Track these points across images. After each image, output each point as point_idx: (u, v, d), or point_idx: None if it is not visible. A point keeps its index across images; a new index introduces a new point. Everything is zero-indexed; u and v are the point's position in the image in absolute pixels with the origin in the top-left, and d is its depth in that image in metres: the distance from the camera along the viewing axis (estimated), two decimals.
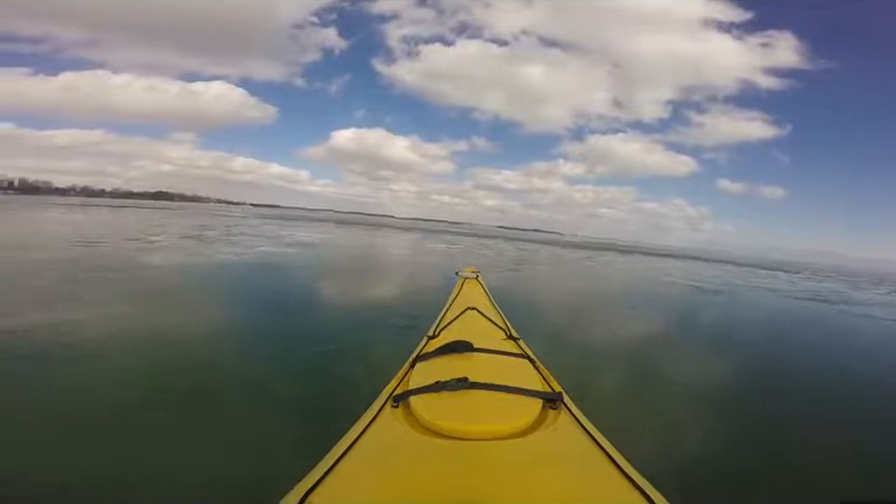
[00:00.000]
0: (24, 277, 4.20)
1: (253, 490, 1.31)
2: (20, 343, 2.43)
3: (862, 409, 2.72)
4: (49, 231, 10.43)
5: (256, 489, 1.29)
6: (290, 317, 3.64)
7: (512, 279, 7.81)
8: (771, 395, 2.79)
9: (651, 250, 31.23)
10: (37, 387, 1.97)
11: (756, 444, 2.04)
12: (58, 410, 1.79)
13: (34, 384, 2.00)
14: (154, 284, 4.46)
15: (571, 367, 2.64)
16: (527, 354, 1.22)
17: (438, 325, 1.58)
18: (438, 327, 1.54)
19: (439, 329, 1.49)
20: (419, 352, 1.24)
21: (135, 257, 6.35)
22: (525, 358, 1.17)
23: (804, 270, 26.12)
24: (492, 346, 1.20)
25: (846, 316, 7.20)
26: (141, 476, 1.43)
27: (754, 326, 5.77)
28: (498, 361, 1.13)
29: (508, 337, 1.40)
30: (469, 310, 1.69)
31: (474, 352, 1.15)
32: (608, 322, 4.89)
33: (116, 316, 3.10)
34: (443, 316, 1.71)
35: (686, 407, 2.46)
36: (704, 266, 19.51)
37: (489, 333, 1.42)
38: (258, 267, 6.66)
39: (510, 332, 1.45)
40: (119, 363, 2.31)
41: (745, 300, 8.56)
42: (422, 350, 1.26)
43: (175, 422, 1.79)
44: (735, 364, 3.50)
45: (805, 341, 5.11)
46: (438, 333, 1.44)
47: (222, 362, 2.44)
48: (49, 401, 1.86)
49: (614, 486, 0.64)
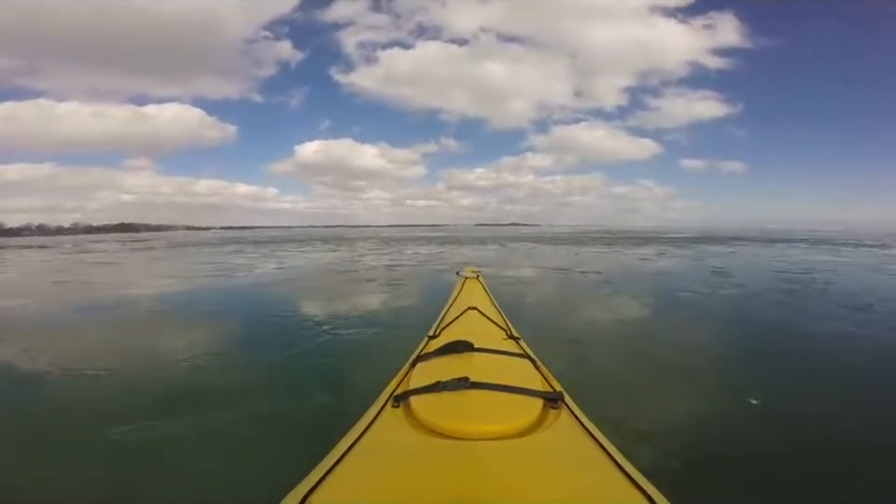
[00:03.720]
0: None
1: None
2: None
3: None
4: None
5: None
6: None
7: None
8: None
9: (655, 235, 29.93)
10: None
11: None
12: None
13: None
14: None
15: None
16: (528, 354, 1.22)
17: (438, 325, 1.58)
18: (438, 327, 1.55)
19: (439, 329, 1.49)
20: (420, 352, 1.24)
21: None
22: (526, 358, 1.17)
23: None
24: (492, 346, 1.20)
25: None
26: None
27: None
28: (499, 361, 1.13)
29: (508, 337, 1.40)
30: (469, 310, 1.69)
31: (475, 352, 1.14)
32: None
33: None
34: (444, 316, 1.71)
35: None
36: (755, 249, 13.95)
37: (490, 333, 1.42)
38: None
39: (510, 332, 1.45)
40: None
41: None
42: (422, 350, 1.26)
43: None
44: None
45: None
46: (438, 333, 1.45)
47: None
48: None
49: (615, 486, 0.64)
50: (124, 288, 6.50)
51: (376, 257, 11.72)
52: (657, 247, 14.45)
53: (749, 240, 19.70)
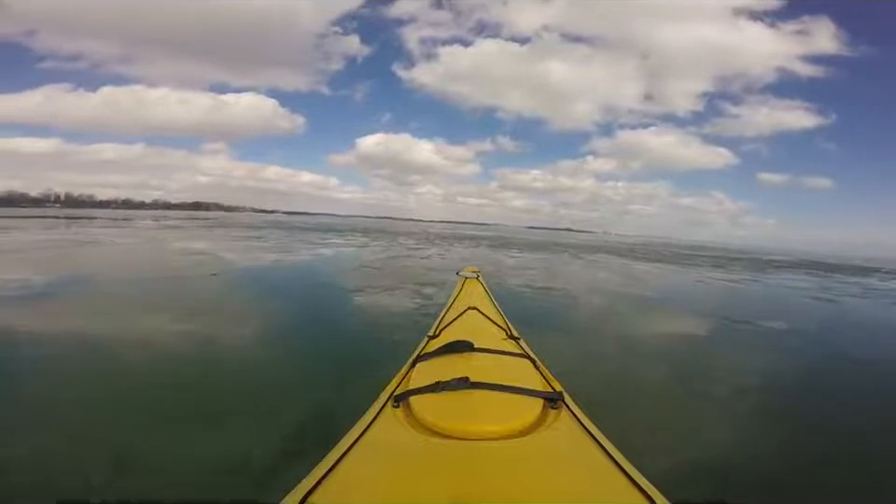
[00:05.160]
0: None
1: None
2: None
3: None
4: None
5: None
6: None
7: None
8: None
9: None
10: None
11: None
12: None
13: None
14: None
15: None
16: (528, 354, 1.21)
17: (438, 324, 1.57)
18: (438, 326, 1.54)
19: (439, 329, 1.48)
20: (420, 352, 1.24)
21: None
22: (526, 358, 1.16)
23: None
24: (493, 346, 1.20)
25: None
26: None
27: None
28: (499, 361, 1.12)
29: (508, 337, 1.38)
30: (469, 310, 1.67)
31: (475, 352, 1.14)
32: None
33: None
34: (444, 316, 1.70)
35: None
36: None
37: (490, 333, 1.41)
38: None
39: (510, 332, 1.43)
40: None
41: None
42: (422, 350, 1.26)
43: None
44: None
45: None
46: (438, 333, 1.44)
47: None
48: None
49: (615, 486, 0.63)
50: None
51: (411, 258, 9.83)
52: (814, 277, 11.35)
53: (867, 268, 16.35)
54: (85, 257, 7.79)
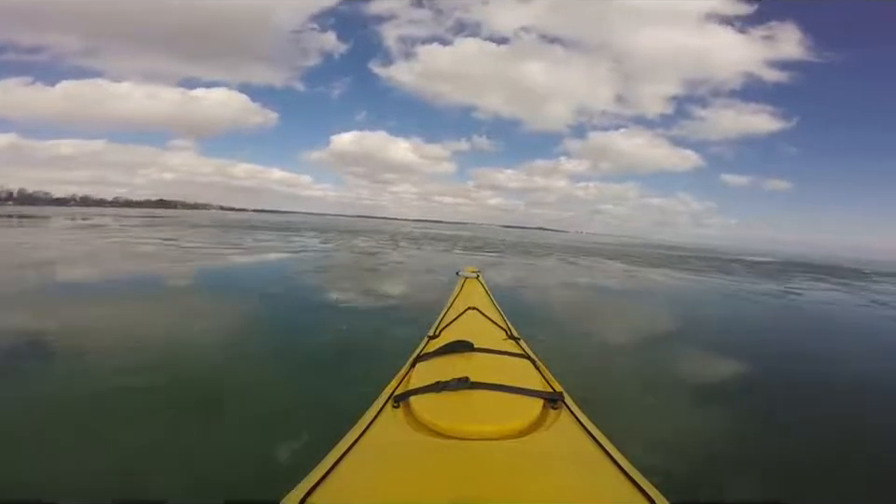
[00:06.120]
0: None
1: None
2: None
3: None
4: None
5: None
6: None
7: None
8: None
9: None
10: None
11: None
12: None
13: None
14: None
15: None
16: (528, 354, 1.21)
17: (438, 324, 1.56)
18: (438, 326, 1.53)
19: (439, 329, 1.48)
20: (419, 352, 1.23)
21: None
22: (526, 358, 1.16)
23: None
24: (493, 346, 1.19)
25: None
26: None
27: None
28: (499, 361, 1.12)
29: (509, 337, 1.38)
30: (469, 310, 1.67)
31: (475, 352, 1.13)
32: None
33: None
34: (444, 316, 1.69)
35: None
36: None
37: (490, 333, 1.40)
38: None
39: (510, 332, 1.43)
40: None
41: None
42: (422, 350, 1.25)
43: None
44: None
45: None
46: (438, 333, 1.43)
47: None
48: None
49: (615, 486, 0.63)
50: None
51: (372, 262, 8.54)
52: (806, 281, 10.92)
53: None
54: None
